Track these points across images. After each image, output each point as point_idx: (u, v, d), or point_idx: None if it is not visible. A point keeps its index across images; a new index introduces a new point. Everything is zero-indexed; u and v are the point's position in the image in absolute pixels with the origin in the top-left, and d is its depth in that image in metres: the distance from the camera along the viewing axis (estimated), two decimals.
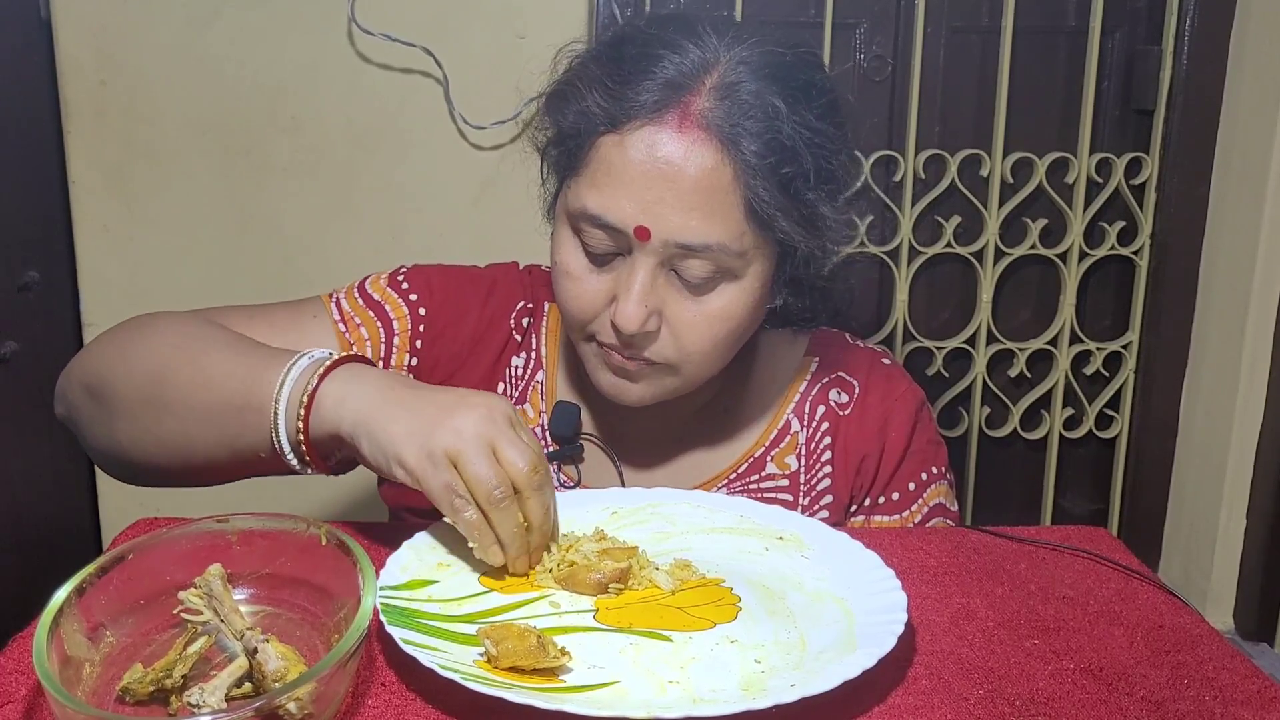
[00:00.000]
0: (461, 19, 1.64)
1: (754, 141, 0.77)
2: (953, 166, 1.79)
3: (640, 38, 0.82)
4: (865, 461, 0.96)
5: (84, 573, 0.59)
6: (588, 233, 0.82)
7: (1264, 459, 1.82)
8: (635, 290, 0.80)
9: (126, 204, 1.67)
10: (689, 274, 0.80)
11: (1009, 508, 2.00)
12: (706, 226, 0.78)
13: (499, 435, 0.68)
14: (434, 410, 0.69)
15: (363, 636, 0.54)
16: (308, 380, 0.72)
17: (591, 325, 0.85)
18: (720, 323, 0.82)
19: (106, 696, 0.56)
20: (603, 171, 0.80)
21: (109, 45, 1.62)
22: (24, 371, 1.58)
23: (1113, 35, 1.82)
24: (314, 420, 0.71)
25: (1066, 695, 0.61)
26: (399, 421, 0.69)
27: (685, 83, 0.78)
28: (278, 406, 0.72)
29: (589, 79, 0.81)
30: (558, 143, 0.85)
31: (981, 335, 1.87)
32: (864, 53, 1.81)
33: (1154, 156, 1.82)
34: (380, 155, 1.69)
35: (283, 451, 0.73)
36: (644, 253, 0.80)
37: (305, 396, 0.71)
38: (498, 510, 0.68)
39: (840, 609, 0.68)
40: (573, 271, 0.84)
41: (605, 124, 0.79)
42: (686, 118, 0.78)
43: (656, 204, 0.78)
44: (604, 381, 0.87)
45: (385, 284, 0.96)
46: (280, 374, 0.73)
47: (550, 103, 0.86)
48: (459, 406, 0.69)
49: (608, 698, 0.58)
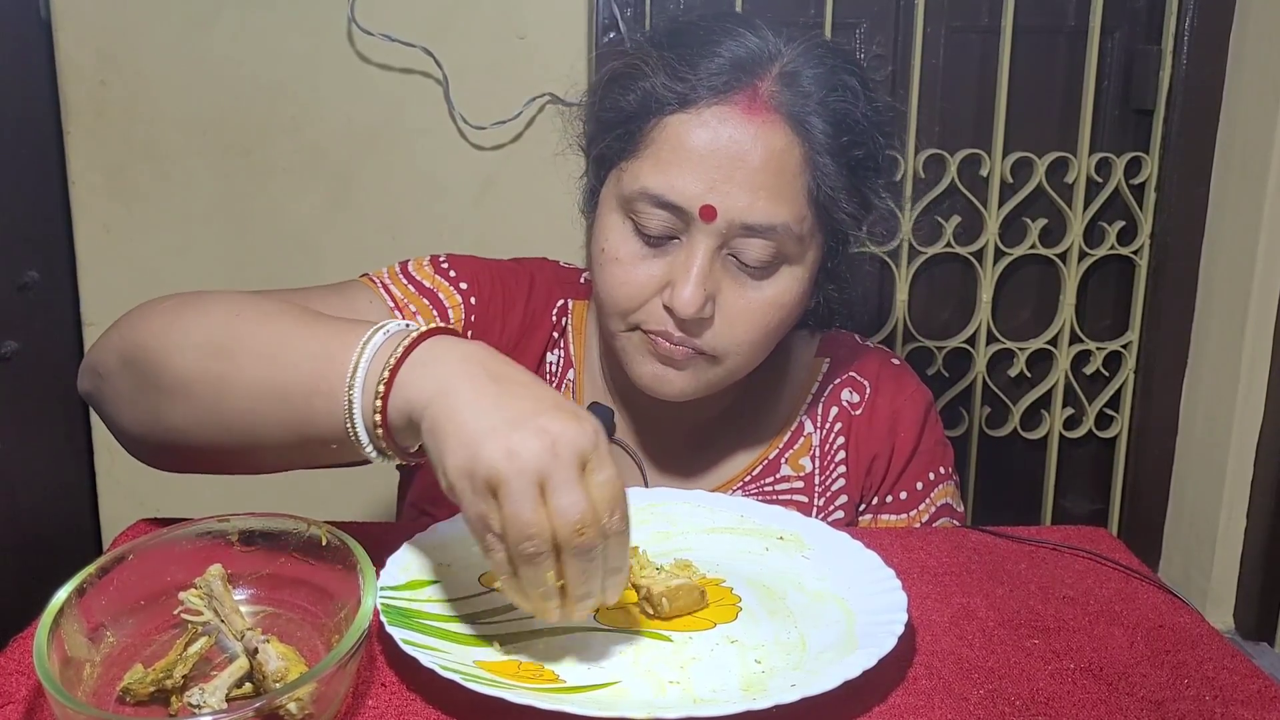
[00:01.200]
0: (461, 19, 1.64)
1: (823, 123, 0.79)
2: (952, 166, 1.79)
3: (701, 26, 0.83)
4: (875, 461, 0.96)
5: (84, 573, 0.59)
6: (646, 214, 0.81)
7: (1264, 459, 1.82)
8: (695, 272, 0.79)
9: (126, 204, 1.67)
10: (748, 257, 0.80)
11: (1009, 508, 2.00)
12: (772, 207, 0.79)
13: (555, 473, 0.56)
14: (500, 417, 0.57)
15: (363, 637, 0.54)
16: (387, 359, 0.62)
17: (637, 313, 0.83)
18: (773, 310, 0.83)
19: (107, 697, 0.56)
20: (669, 150, 0.79)
21: (109, 45, 1.61)
22: (24, 371, 1.58)
23: (1112, 35, 1.82)
24: (393, 405, 0.61)
25: (1067, 695, 0.61)
26: (459, 420, 0.58)
27: (753, 67, 0.80)
28: (353, 390, 0.62)
29: (652, 61, 0.81)
30: (612, 127, 0.84)
31: (981, 335, 1.87)
32: (864, 52, 1.81)
33: (1154, 156, 1.82)
34: (380, 155, 1.69)
35: (361, 441, 0.63)
36: (705, 234, 0.80)
37: (383, 382, 0.61)
38: (526, 564, 0.57)
39: (840, 609, 0.68)
40: (622, 257, 0.83)
41: (674, 103, 0.79)
42: (756, 99, 0.79)
43: (724, 183, 0.78)
44: (645, 373, 0.85)
45: (430, 270, 0.93)
46: (354, 353, 0.63)
47: (606, 88, 0.85)
48: (528, 425, 0.57)
49: (608, 698, 0.58)
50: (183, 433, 0.70)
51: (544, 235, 1.66)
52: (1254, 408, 1.82)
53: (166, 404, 0.69)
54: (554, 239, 1.52)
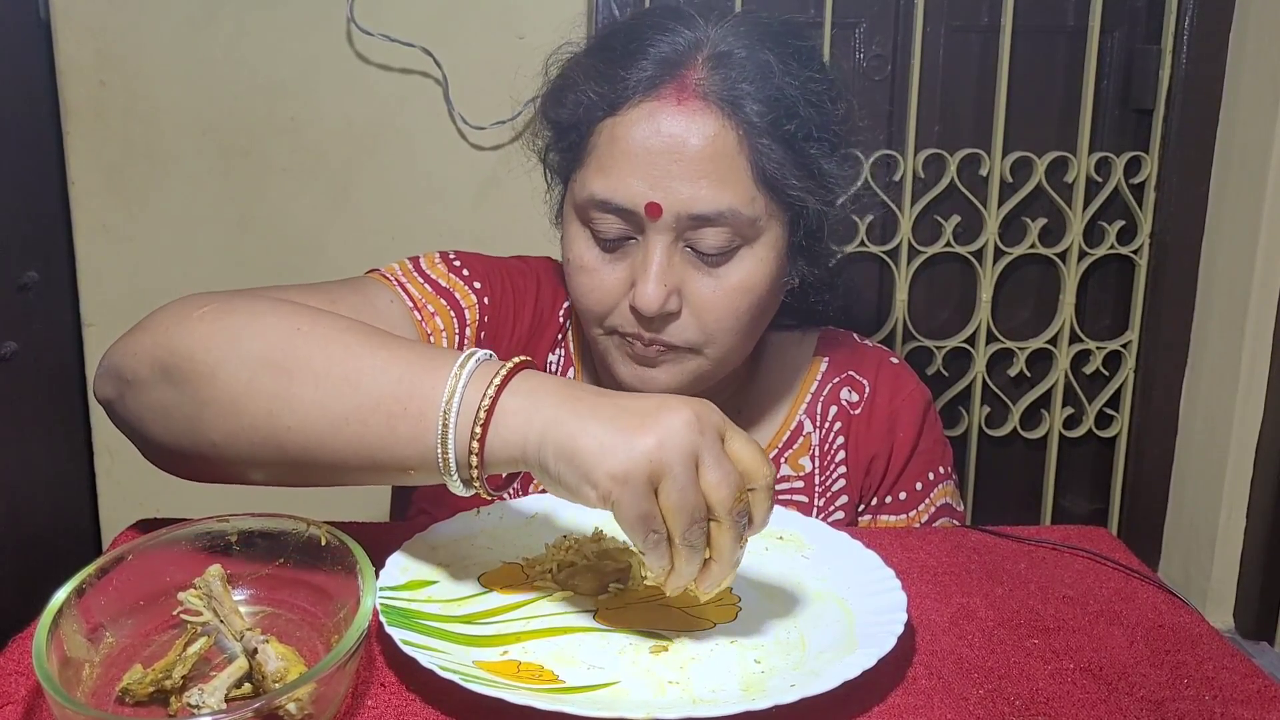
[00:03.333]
0: (461, 19, 1.64)
1: (754, 102, 0.79)
2: (952, 166, 1.79)
3: (628, 27, 0.84)
4: (874, 461, 0.96)
5: (84, 573, 0.59)
6: (598, 220, 0.81)
7: (1264, 458, 1.82)
8: (653, 270, 0.80)
9: (126, 204, 1.67)
10: (704, 246, 0.80)
11: (1009, 507, 2.00)
12: (716, 194, 0.78)
13: (705, 450, 0.58)
14: (630, 419, 0.58)
15: (362, 637, 0.54)
16: (484, 388, 0.61)
17: (610, 317, 0.84)
18: (740, 295, 0.82)
19: (106, 697, 0.56)
20: (606, 155, 0.80)
21: (109, 46, 1.61)
22: (24, 371, 1.58)
23: (1112, 34, 1.82)
24: (493, 436, 0.60)
25: (1067, 695, 0.61)
26: (590, 432, 0.58)
27: (679, 59, 0.80)
28: (448, 418, 0.61)
29: (583, 71, 0.82)
30: (558, 140, 0.85)
31: (981, 335, 1.87)
32: (863, 52, 1.81)
33: (1153, 156, 1.82)
34: (380, 155, 1.69)
35: (447, 469, 0.62)
36: (657, 231, 0.80)
37: (484, 410, 0.60)
38: (690, 547, 0.59)
39: (840, 609, 0.68)
40: (587, 264, 0.83)
41: (604, 109, 0.80)
42: (684, 90, 0.79)
43: (664, 178, 0.78)
44: (626, 374, 0.86)
45: (444, 268, 0.92)
46: (448, 379, 0.62)
47: (546, 103, 0.87)
48: (660, 414, 0.58)
49: (607, 698, 0.58)
50: (226, 448, 0.66)
51: (543, 235, 1.64)
52: (1254, 407, 1.82)
53: (211, 418, 0.66)
54: (553, 239, 1.52)
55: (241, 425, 0.65)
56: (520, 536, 0.76)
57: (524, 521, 0.77)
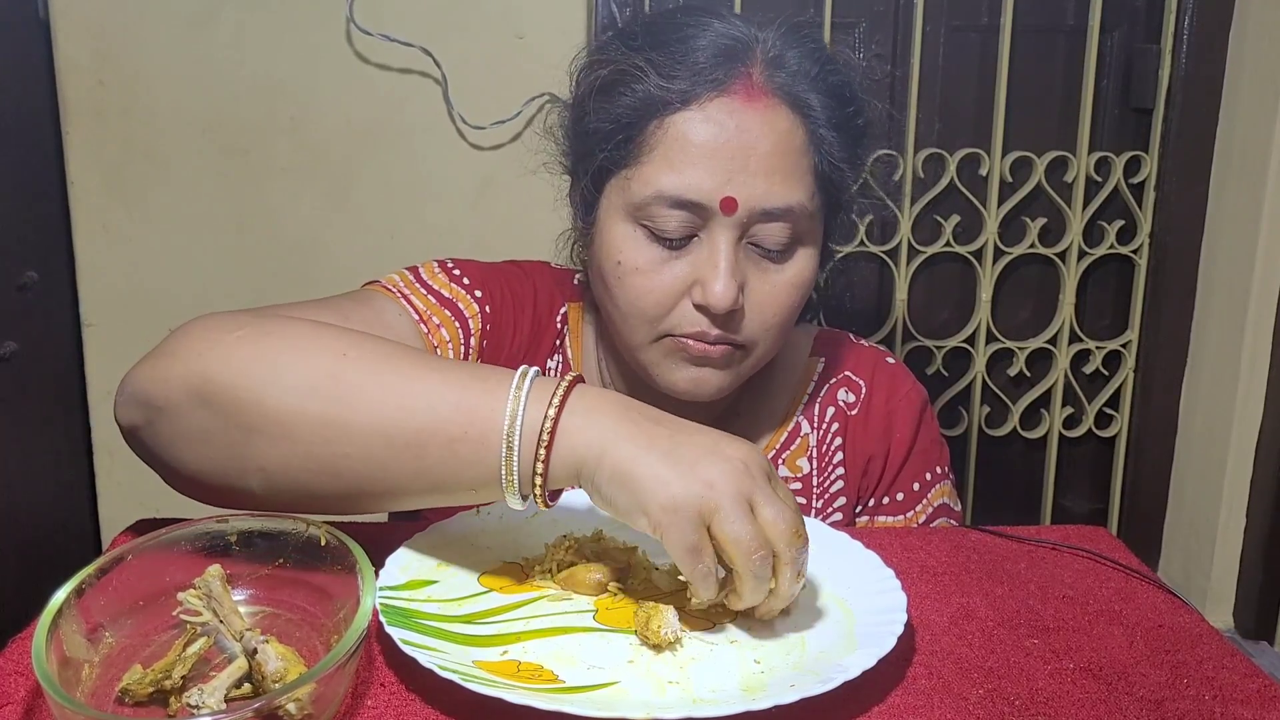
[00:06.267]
0: (461, 19, 1.64)
1: (821, 97, 0.81)
2: (952, 165, 1.79)
3: (673, 23, 0.83)
4: (871, 462, 0.96)
5: (83, 573, 0.58)
6: (663, 217, 0.80)
7: (1263, 458, 1.82)
8: (724, 266, 0.79)
9: (126, 204, 1.67)
10: (769, 242, 0.81)
11: (1009, 507, 2.01)
12: (786, 190, 0.80)
13: (757, 491, 0.61)
14: (685, 454, 0.61)
15: (362, 637, 0.54)
16: (545, 409, 0.62)
17: (668, 319, 0.82)
18: (795, 291, 0.84)
19: (106, 697, 0.56)
20: (678, 150, 0.79)
21: (108, 45, 1.61)
22: (24, 371, 1.58)
23: (1112, 34, 1.82)
24: (556, 455, 0.62)
25: (1066, 694, 0.61)
26: (646, 463, 0.61)
27: (740, 55, 0.80)
28: (512, 440, 0.62)
29: (639, 65, 0.81)
30: (608, 137, 0.82)
31: (981, 334, 1.87)
32: (863, 52, 1.81)
33: (1153, 155, 1.82)
34: (380, 155, 1.69)
35: (511, 489, 0.63)
36: (726, 226, 0.80)
37: (546, 432, 0.62)
38: (754, 577, 0.61)
39: (840, 609, 0.68)
40: (643, 266, 0.81)
41: (675, 103, 0.79)
42: (752, 87, 0.79)
43: (739, 173, 0.79)
44: (681, 379, 0.84)
45: (445, 278, 0.91)
46: (508, 400, 0.63)
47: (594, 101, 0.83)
48: (713, 455, 0.61)
49: (607, 698, 0.58)
50: (279, 476, 0.65)
51: (543, 235, 1.64)
52: (1253, 407, 1.83)
53: (261, 445, 0.65)
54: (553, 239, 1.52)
55: (296, 453, 0.64)
56: (520, 536, 0.76)
57: (524, 521, 0.77)
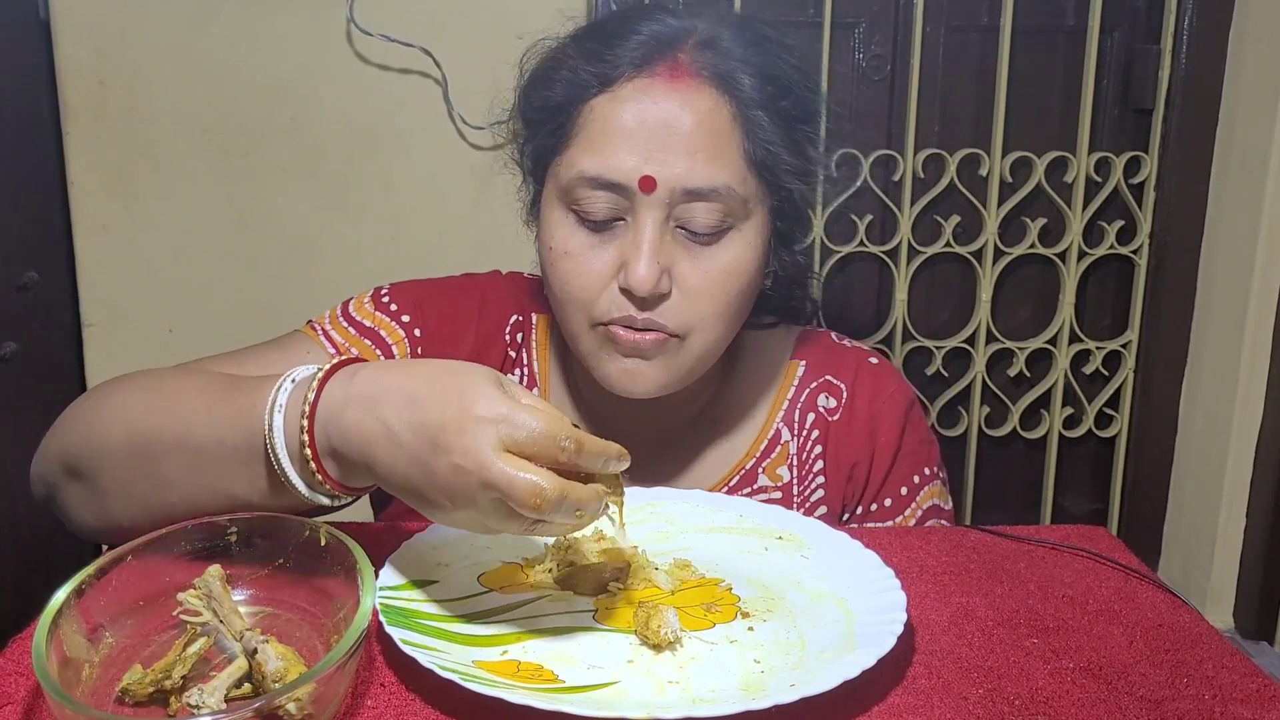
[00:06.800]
0: (460, 19, 1.64)
1: (749, 78, 0.80)
2: (952, 166, 1.79)
3: (617, 16, 0.85)
4: (856, 469, 0.94)
5: (83, 574, 0.58)
6: (587, 199, 0.80)
7: (1263, 458, 1.82)
8: (645, 248, 0.78)
9: (126, 204, 1.67)
10: (697, 224, 0.80)
11: (1008, 507, 2.01)
12: (711, 169, 0.78)
13: (511, 434, 0.57)
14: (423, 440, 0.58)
15: (362, 637, 0.54)
16: (300, 413, 0.62)
17: (597, 305, 0.81)
18: (730, 278, 0.81)
19: (106, 697, 0.56)
20: (598, 131, 0.79)
21: (108, 45, 1.62)
22: (24, 371, 1.58)
23: (1112, 34, 1.82)
24: (322, 451, 0.63)
25: (1066, 694, 0.61)
26: (398, 470, 0.59)
27: (670, 39, 0.81)
28: (276, 450, 0.63)
29: (570, 54, 0.83)
30: (541, 124, 0.84)
31: (981, 335, 1.87)
32: (863, 52, 1.81)
33: (1153, 155, 1.82)
34: (379, 155, 1.69)
35: (299, 494, 0.64)
36: (649, 207, 0.79)
37: (304, 433, 0.62)
38: (554, 512, 0.57)
39: (840, 608, 0.68)
40: (571, 249, 0.81)
41: (595, 87, 0.80)
42: (677, 67, 0.79)
43: (659, 152, 0.78)
44: (613, 370, 0.83)
45: (371, 307, 0.92)
46: (265, 413, 0.63)
47: (529, 89, 0.86)
48: (449, 429, 0.57)
49: (607, 698, 0.58)
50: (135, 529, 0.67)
51: None
52: (1253, 407, 1.83)
53: (113, 505, 0.71)
54: None
55: (138, 508, 0.69)
56: (520, 536, 0.76)
57: None
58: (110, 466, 0.70)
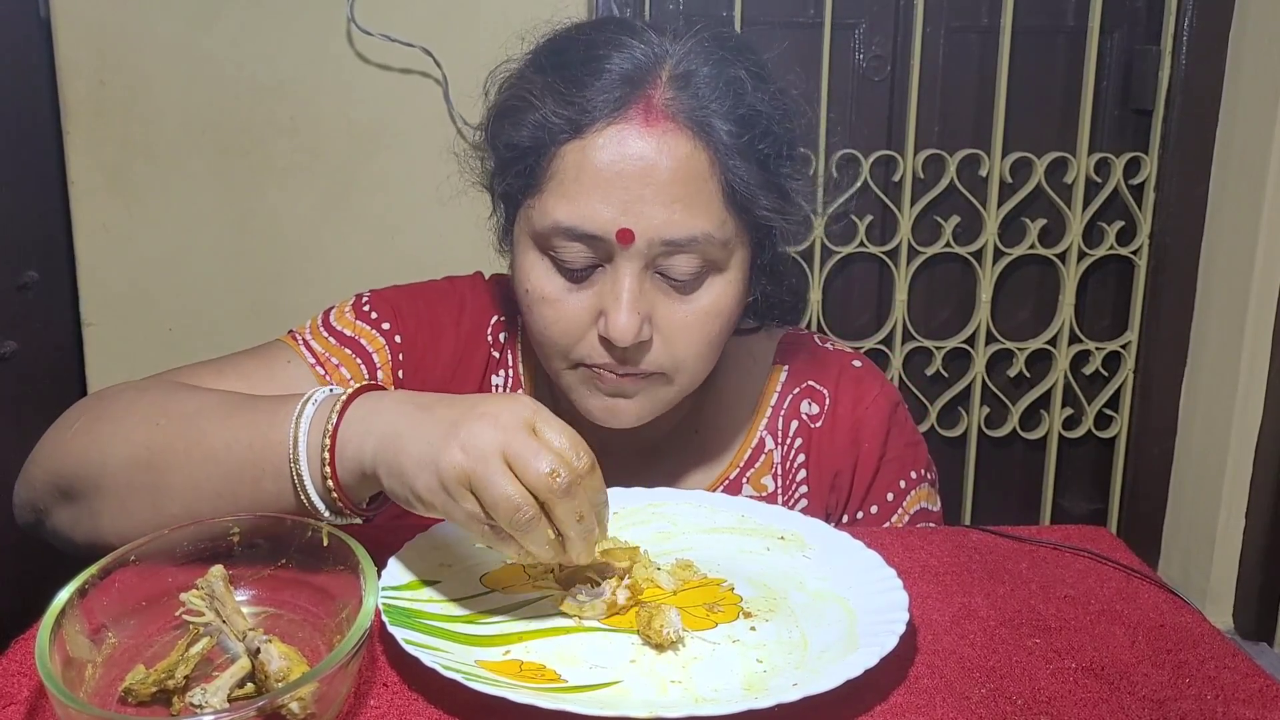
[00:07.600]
0: (461, 19, 1.64)
1: (725, 121, 0.75)
2: (952, 166, 1.79)
3: (581, 41, 0.79)
4: (839, 477, 0.92)
5: (86, 574, 0.59)
6: (563, 248, 0.77)
7: (1263, 459, 1.82)
8: (625, 299, 0.76)
9: (126, 204, 1.67)
10: (676, 273, 0.77)
11: (1008, 508, 2.01)
12: (689, 218, 0.75)
13: (511, 443, 0.60)
14: (440, 429, 0.61)
15: (365, 637, 0.54)
16: (324, 426, 0.65)
17: (577, 349, 0.79)
18: (711, 319, 0.79)
19: (109, 697, 0.56)
20: (571, 180, 0.75)
21: (109, 45, 1.62)
22: (24, 371, 1.58)
23: (1111, 35, 1.83)
24: (343, 470, 0.65)
25: (1068, 694, 0.61)
26: (409, 449, 0.62)
27: (642, 77, 0.75)
28: (299, 467, 0.66)
29: (538, 89, 0.77)
30: (511, 164, 0.80)
31: (981, 335, 1.88)
32: (863, 53, 1.81)
33: (1153, 156, 1.83)
34: (379, 155, 1.69)
35: (317, 511, 0.67)
36: (627, 258, 0.76)
37: (326, 447, 0.65)
38: (524, 534, 0.61)
39: (842, 608, 0.68)
40: (548, 295, 0.78)
41: (567, 131, 0.75)
42: (651, 111, 0.75)
43: (635, 203, 0.74)
44: (595, 406, 0.81)
45: (351, 315, 0.91)
46: (289, 430, 0.66)
47: (496, 126, 0.82)
48: (465, 420, 0.61)
49: (610, 697, 0.58)
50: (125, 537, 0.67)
51: None
52: (1253, 408, 1.83)
53: (107, 524, 0.72)
54: None
55: (133, 522, 0.70)
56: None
57: None
58: (112, 483, 0.71)
